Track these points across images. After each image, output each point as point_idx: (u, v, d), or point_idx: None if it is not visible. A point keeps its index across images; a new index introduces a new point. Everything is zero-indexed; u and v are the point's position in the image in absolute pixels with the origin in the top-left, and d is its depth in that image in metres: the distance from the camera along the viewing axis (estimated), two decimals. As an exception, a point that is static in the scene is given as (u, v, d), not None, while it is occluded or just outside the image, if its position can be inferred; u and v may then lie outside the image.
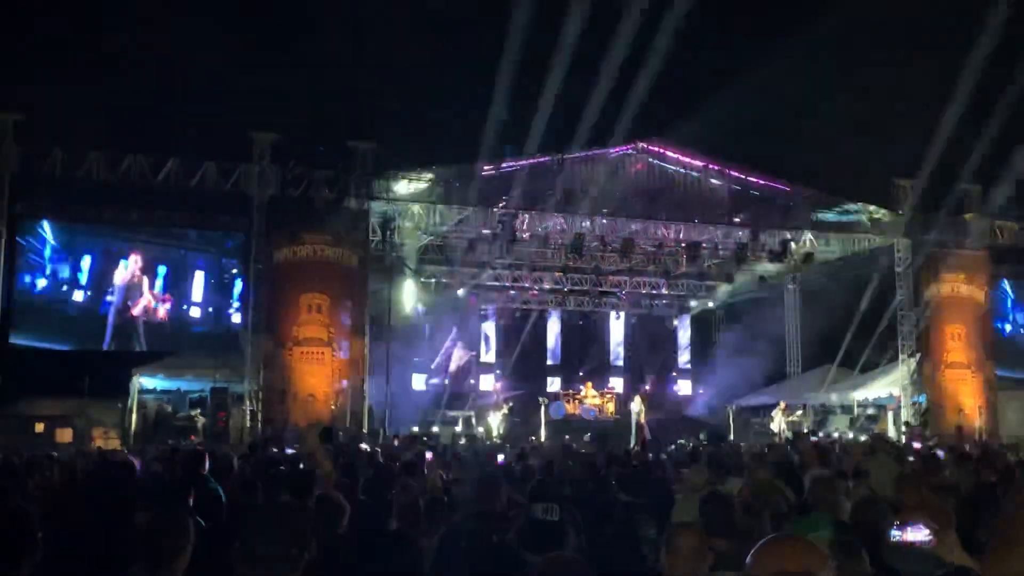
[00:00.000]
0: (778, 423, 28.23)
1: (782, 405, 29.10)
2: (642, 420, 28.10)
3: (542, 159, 26.08)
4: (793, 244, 29.01)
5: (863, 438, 21.99)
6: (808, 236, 29.25)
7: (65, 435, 23.56)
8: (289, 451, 15.51)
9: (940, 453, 11.72)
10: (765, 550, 2.56)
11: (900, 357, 28.92)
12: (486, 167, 25.66)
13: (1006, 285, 34.00)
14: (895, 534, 3.54)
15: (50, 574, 4.33)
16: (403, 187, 25.71)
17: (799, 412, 29.78)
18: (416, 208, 26.34)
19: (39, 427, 23.81)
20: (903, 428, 27.33)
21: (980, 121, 27.79)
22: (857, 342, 30.92)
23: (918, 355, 28.57)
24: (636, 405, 28.87)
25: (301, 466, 9.35)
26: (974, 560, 3.46)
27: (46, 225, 27.37)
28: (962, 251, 28.88)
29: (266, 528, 3.23)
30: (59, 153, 22.85)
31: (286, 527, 3.22)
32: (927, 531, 3.48)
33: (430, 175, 25.81)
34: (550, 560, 3.15)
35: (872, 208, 28.93)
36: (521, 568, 4.56)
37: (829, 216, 28.60)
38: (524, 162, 25.76)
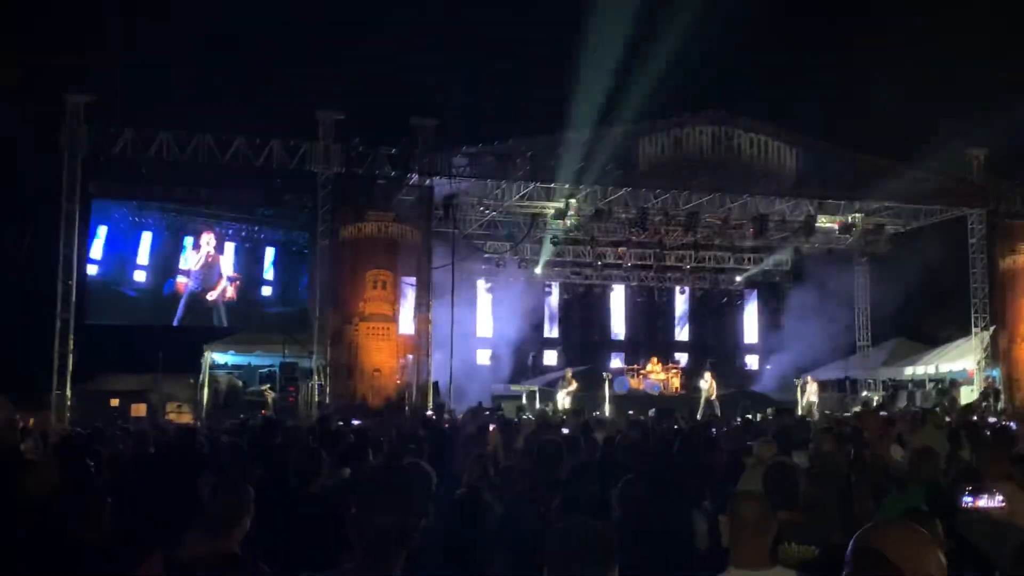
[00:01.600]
0: (808, 397, 27.61)
1: (808, 379, 28.52)
2: (712, 396, 27.89)
3: (605, 130, 25.87)
4: (863, 216, 28.47)
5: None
6: (879, 207, 28.67)
7: (139, 410, 24.17)
8: (355, 423, 15.68)
9: (1013, 426, 11.42)
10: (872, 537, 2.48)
11: (973, 330, 28.25)
12: (548, 140, 25.54)
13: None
14: (967, 500, 3.46)
15: (119, 537, 4.44)
16: (466, 163, 25.71)
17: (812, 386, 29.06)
18: (478, 184, 26.36)
19: (114, 402, 24.46)
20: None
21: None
22: (929, 315, 30.34)
23: (992, 328, 27.87)
24: (705, 381, 28.63)
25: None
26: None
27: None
28: (1038, 221, 28.08)
29: (383, 491, 3.19)
30: (129, 133, 23.29)
31: (402, 491, 3.18)
32: (1000, 497, 3.39)
33: (492, 150, 25.76)
34: (567, 526, 3.11)
35: (945, 178, 28.20)
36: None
37: (900, 186, 27.93)
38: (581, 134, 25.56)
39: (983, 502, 3.41)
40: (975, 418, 17.38)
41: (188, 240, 30.01)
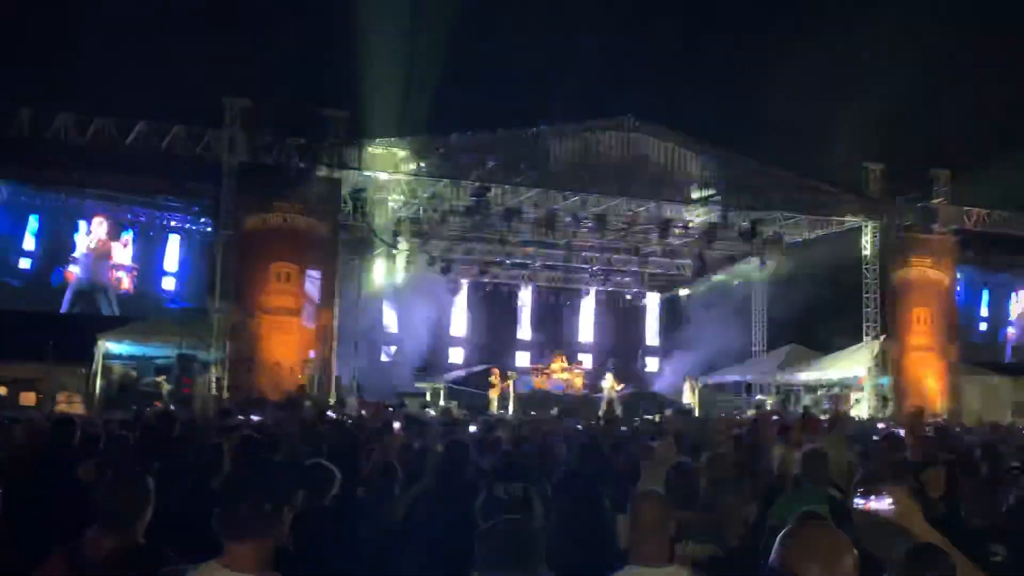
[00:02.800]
0: (687, 396, 28.75)
1: (689, 381, 29.58)
2: (613, 395, 28.31)
3: (517, 131, 26.02)
4: (762, 225, 29.20)
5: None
6: (778, 217, 29.47)
7: (28, 398, 23.33)
8: (255, 418, 15.42)
9: (901, 433, 11.86)
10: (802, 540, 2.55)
11: (865, 338, 29.21)
12: (458, 139, 25.57)
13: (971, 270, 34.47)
14: (859, 502, 3.58)
15: (9, 531, 4.30)
16: (376, 156, 25.51)
17: (700, 387, 30.15)
18: (388, 179, 26.19)
19: (2, 390, 23.57)
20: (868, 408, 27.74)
21: (950, 105, 28.04)
22: (823, 323, 31.24)
23: (883, 337, 28.86)
24: (608, 381, 29.04)
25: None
26: (940, 537, 3.50)
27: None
28: (930, 235, 29.18)
29: (243, 484, 3.20)
30: (26, 113, 22.46)
31: (263, 484, 3.19)
32: (889, 499, 3.52)
33: (403, 145, 25.63)
34: (504, 524, 3.14)
35: (841, 191, 29.09)
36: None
37: (799, 196, 28.70)
38: (497, 134, 25.67)
39: (873, 504, 3.54)
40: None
41: (82, 225, 28.75)
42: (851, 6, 35.71)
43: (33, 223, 28.09)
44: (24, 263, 27.96)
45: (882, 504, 3.52)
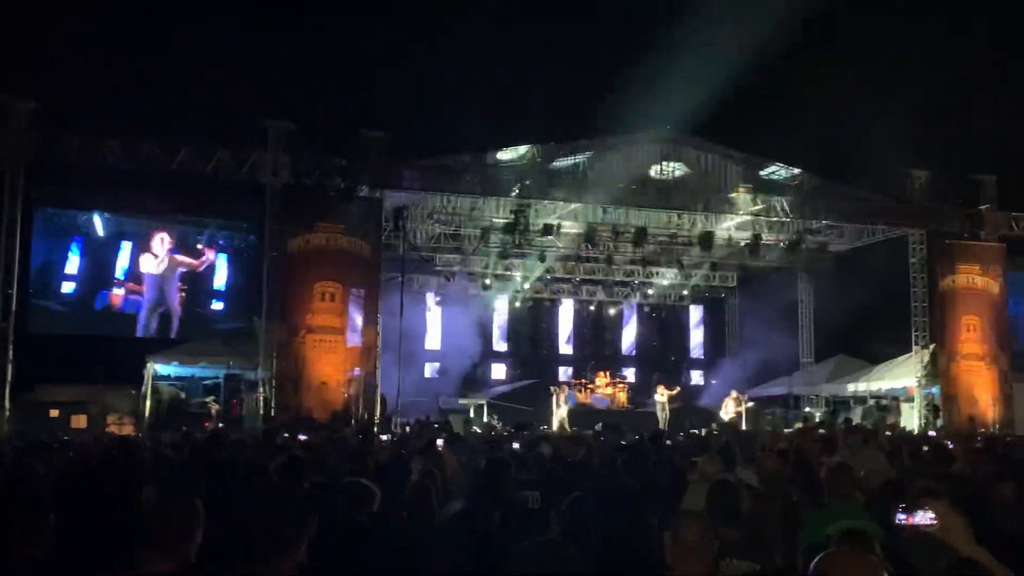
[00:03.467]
0: (729, 412, 28.30)
1: (733, 394, 29.16)
2: (667, 410, 28.36)
3: (555, 147, 26.10)
4: (807, 235, 28.96)
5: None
6: (822, 226, 29.24)
7: (80, 421, 23.74)
8: (301, 437, 15.56)
9: (949, 444, 11.68)
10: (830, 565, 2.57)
11: (914, 348, 28.81)
12: (499, 155, 25.71)
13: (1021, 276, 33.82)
14: (900, 517, 3.55)
15: (64, 556, 4.39)
16: (416, 176, 25.67)
17: (750, 403, 29.71)
18: (429, 197, 26.37)
19: (54, 413, 23.99)
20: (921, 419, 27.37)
21: (995, 110, 27.66)
22: (871, 333, 30.86)
23: (932, 346, 28.45)
24: (660, 395, 28.97)
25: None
26: (984, 552, 3.46)
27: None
28: (977, 242, 28.76)
29: (257, 509, 3.26)
30: (76, 140, 22.93)
31: (277, 509, 3.25)
32: (932, 514, 3.48)
33: (442, 163, 25.78)
34: (531, 546, 3.17)
35: (887, 198, 28.78)
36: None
37: (844, 206, 28.43)
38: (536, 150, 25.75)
39: (916, 519, 3.51)
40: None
41: (126, 246, 28.62)
42: (891, 11, 35.39)
43: (75, 247, 27.90)
44: (67, 287, 27.88)
45: (925, 519, 3.50)
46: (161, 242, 28.42)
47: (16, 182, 22.82)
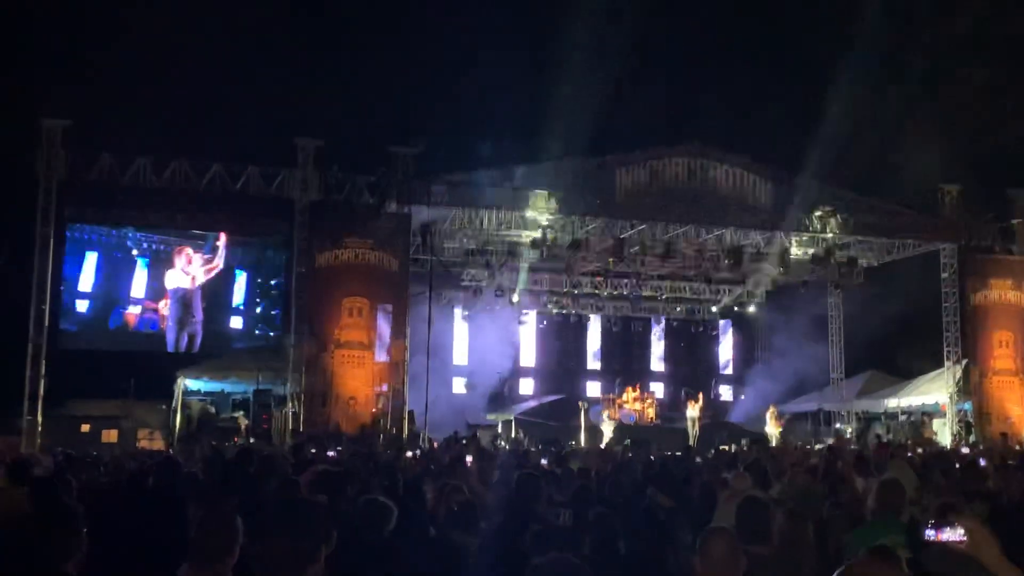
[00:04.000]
0: (770, 428, 28.05)
1: (772, 410, 28.88)
2: (696, 425, 28.25)
3: (583, 161, 26.12)
4: (836, 249, 28.77)
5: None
6: (852, 241, 29.05)
7: (111, 436, 23.95)
8: (330, 453, 15.62)
9: (983, 461, 11.55)
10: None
11: (946, 363, 28.50)
12: (525, 171, 25.75)
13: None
14: (929, 533, 3.52)
15: (97, 570, 4.42)
16: (444, 191, 25.74)
17: (786, 416, 29.45)
18: (456, 213, 26.46)
19: (85, 428, 24.22)
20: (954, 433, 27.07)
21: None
22: (902, 348, 30.58)
23: (964, 362, 28.13)
24: (692, 411, 28.85)
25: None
26: (1016, 570, 3.42)
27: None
28: (1010, 256, 28.45)
29: (277, 522, 3.30)
30: (106, 158, 23.22)
31: (297, 522, 3.28)
32: (961, 531, 3.45)
33: (470, 179, 25.84)
34: (546, 562, 3.18)
35: (918, 213, 28.56)
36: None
37: (874, 220, 28.22)
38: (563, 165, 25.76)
39: (945, 535, 3.47)
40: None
41: (142, 262, 27.50)
42: (921, 25, 35.22)
43: (91, 261, 26.63)
44: (81, 305, 26.79)
45: (954, 535, 3.46)
46: (188, 259, 28.21)
47: (49, 200, 23.11)
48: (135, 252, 28.15)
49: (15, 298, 23.34)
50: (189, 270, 27.62)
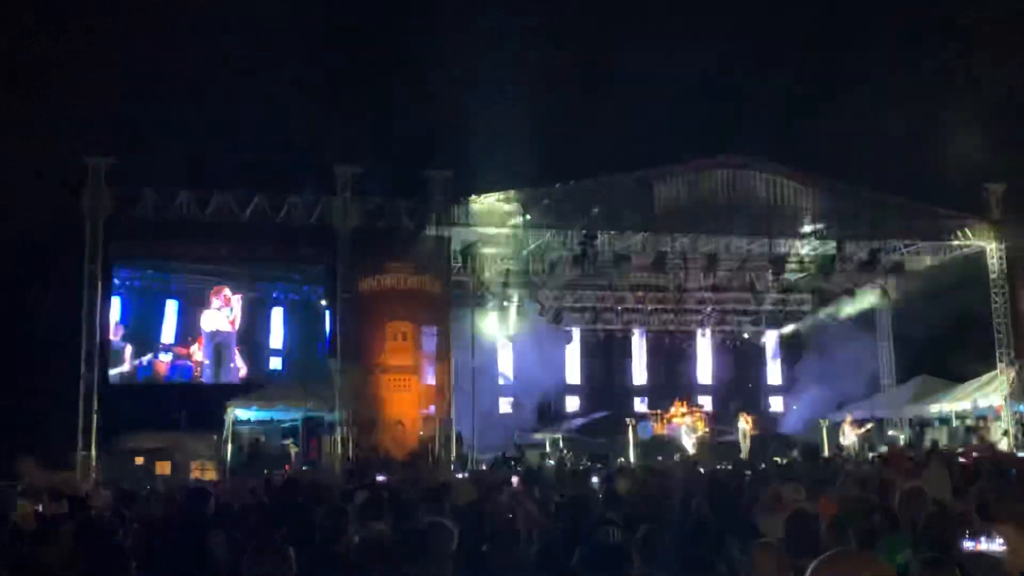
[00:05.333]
0: (848, 438, 27.57)
1: (848, 418, 28.44)
2: (747, 438, 27.99)
3: (621, 176, 26.09)
4: (882, 254, 28.42)
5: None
6: (898, 245, 28.71)
7: (164, 468, 24.22)
8: (380, 478, 15.68)
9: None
10: (825, 565, 2.53)
11: (999, 365, 27.99)
12: (563, 188, 25.77)
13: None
14: (968, 543, 3.46)
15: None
16: (483, 212, 25.79)
17: (869, 425, 28.94)
18: (496, 233, 26.52)
19: (139, 460, 24.51)
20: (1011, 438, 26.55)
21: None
22: (953, 351, 30.06)
23: (1017, 362, 27.59)
24: (743, 423, 28.59)
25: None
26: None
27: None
28: (1058, 254, 27.94)
29: (413, 551, 3.31)
30: (150, 194, 23.60)
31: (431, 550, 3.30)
32: (1000, 539, 3.39)
33: (508, 198, 25.89)
34: None
35: (963, 214, 28.15)
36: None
37: (919, 223, 27.85)
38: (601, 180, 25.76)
39: (984, 545, 3.41)
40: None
41: (171, 305, 27.04)
42: (963, 23, 34.82)
43: (114, 307, 25.35)
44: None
45: (993, 544, 3.40)
46: (226, 299, 27.77)
47: (96, 237, 23.52)
48: (164, 294, 27.52)
49: (65, 335, 23.71)
50: (226, 312, 27.45)
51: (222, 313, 27.79)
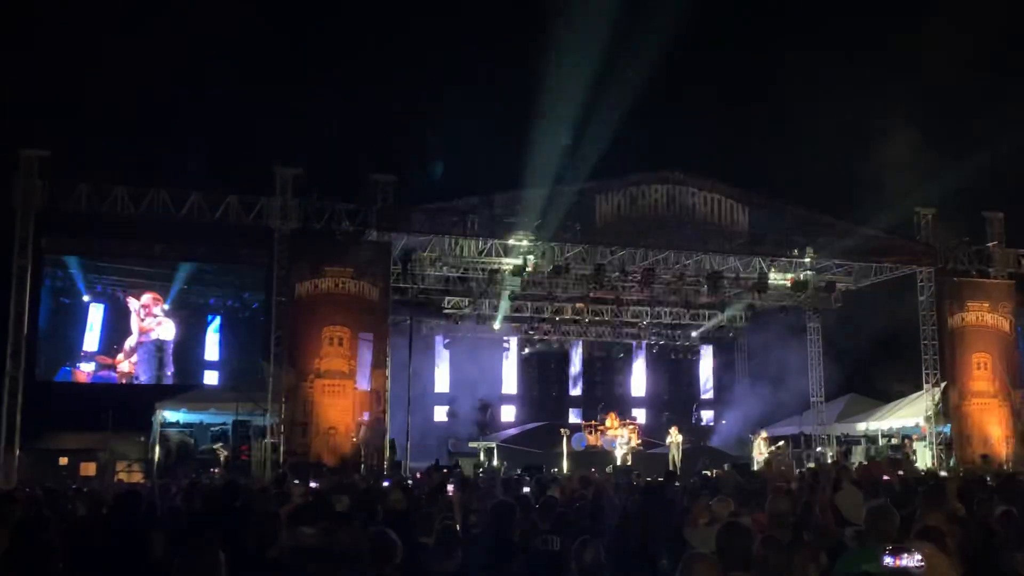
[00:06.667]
0: (762, 452, 28.14)
1: (762, 434, 29.03)
2: (680, 450, 28.28)
3: (562, 188, 26.21)
4: (814, 274, 28.98)
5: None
6: (830, 265, 29.29)
7: (89, 468, 23.73)
8: (312, 485, 15.50)
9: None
10: None
11: (925, 386, 28.66)
12: (505, 198, 25.82)
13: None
14: (888, 560, 3.54)
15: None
16: (424, 219, 25.74)
17: (780, 443, 29.51)
18: (436, 240, 26.48)
19: (63, 461, 23.97)
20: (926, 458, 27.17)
21: (1000, 147, 27.74)
22: (881, 371, 30.73)
23: (943, 384, 28.29)
24: (672, 436, 28.86)
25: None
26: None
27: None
28: (986, 279, 28.71)
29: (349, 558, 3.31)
30: (84, 188, 23.09)
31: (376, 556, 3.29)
32: (919, 556, 3.47)
33: (450, 206, 25.88)
34: None
35: (894, 236, 28.79)
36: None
37: (851, 244, 28.43)
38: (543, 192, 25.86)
39: (903, 561, 3.49)
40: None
41: (96, 309, 26.08)
42: (897, 50, 35.71)
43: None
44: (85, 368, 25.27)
45: (912, 561, 3.48)
46: (156, 300, 26.90)
47: (26, 230, 22.93)
48: (87, 298, 26.47)
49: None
50: (158, 317, 26.64)
51: (156, 320, 27.12)
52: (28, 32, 32.99)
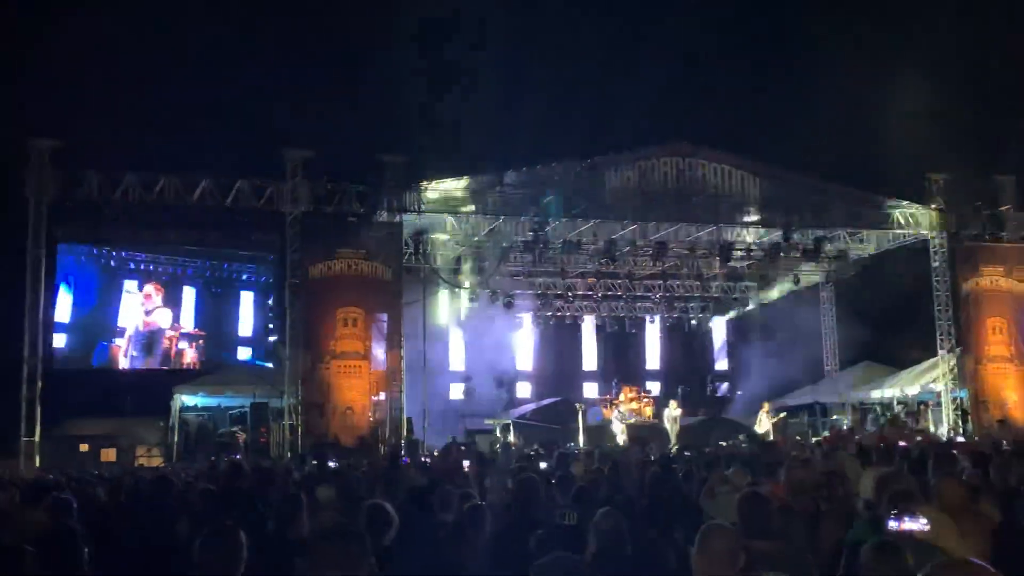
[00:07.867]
0: (764, 425, 28.10)
1: (765, 406, 28.99)
2: (677, 423, 28.23)
3: (572, 164, 26.16)
4: (827, 242, 28.87)
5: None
6: (842, 233, 29.16)
7: (109, 454, 23.94)
8: (331, 464, 15.61)
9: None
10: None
11: (940, 352, 28.58)
12: (514, 175, 25.79)
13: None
14: (892, 524, 3.56)
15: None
16: (435, 198, 25.74)
17: (783, 414, 29.49)
18: (448, 219, 26.48)
19: (84, 447, 24.19)
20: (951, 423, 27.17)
21: (1012, 109, 27.54)
22: (896, 338, 30.64)
23: (958, 350, 28.21)
24: (671, 410, 28.85)
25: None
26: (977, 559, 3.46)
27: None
28: (1000, 243, 28.54)
29: (330, 553, 3.38)
30: (95, 177, 23.14)
31: (349, 551, 3.36)
32: (924, 520, 3.49)
33: (460, 185, 25.87)
34: (548, 561, 3.24)
35: (906, 203, 28.65)
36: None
37: (863, 212, 28.29)
38: (552, 168, 25.81)
39: (907, 524, 3.51)
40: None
41: (130, 285, 26.26)
42: (905, 15, 35.40)
43: (65, 289, 24.38)
44: (57, 340, 24.78)
45: (916, 524, 3.50)
46: (151, 296, 26.80)
47: (39, 220, 23.02)
48: (122, 274, 26.70)
49: (7, 319, 23.21)
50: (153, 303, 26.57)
51: (153, 303, 27.01)
52: (34, 21, 33.02)
